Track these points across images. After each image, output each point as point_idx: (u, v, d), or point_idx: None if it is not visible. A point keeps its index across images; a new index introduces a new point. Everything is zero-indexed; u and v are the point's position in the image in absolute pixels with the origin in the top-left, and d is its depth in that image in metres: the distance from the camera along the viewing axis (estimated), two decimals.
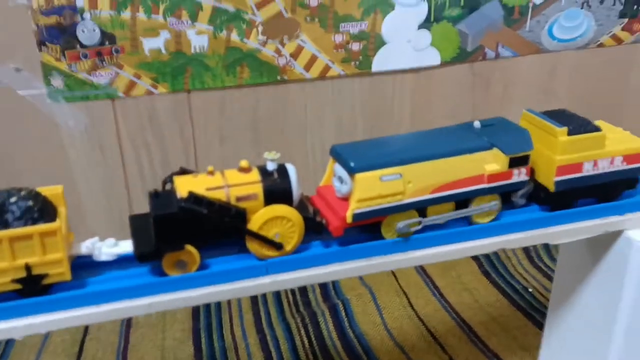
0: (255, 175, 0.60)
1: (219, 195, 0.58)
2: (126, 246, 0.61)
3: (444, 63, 1.14)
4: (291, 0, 1.01)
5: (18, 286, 0.56)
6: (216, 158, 1.08)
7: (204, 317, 1.08)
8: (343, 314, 1.08)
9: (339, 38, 1.06)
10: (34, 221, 0.54)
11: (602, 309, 0.77)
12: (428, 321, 1.07)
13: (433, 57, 1.13)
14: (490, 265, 1.22)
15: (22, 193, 0.55)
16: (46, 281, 0.57)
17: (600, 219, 0.71)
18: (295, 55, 1.05)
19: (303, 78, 1.07)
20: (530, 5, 1.14)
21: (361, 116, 1.14)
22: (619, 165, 0.70)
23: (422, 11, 1.08)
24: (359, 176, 0.60)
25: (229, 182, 0.59)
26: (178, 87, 1.02)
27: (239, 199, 0.59)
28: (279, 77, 1.06)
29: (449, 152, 0.63)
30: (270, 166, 0.61)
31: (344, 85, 1.11)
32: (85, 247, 0.60)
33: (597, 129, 0.69)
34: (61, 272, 0.56)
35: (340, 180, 0.62)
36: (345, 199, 0.63)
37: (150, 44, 0.97)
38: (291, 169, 0.62)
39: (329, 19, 1.04)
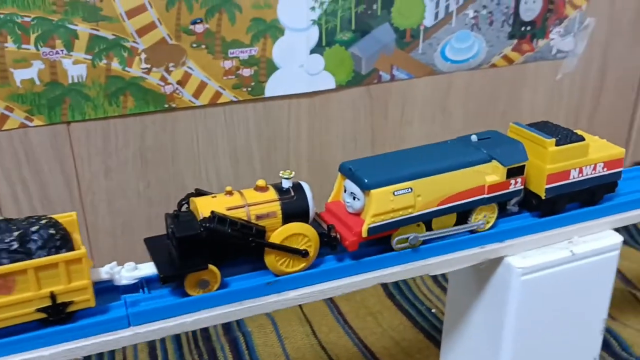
0: (272, 194, 0.62)
1: (240, 214, 0.60)
2: (146, 269, 0.61)
3: (339, 86, 1.13)
4: (175, 26, 0.97)
5: (42, 315, 0.56)
6: (102, 191, 1.03)
7: None
8: (244, 347, 1.05)
9: (228, 64, 1.03)
10: (57, 249, 0.55)
11: (489, 332, 0.77)
12: (330, 349, 1.05)
13: (328, 81, 1.12)
14: (395, 287, 1.21)
15: (43, 221, 0.55)
16: (71, 308, 0.57)
17: (479, 247, 0.71)
18: (182, 82, 1.01)
19: (193, 105, 1.04)
20: (422, 28, 1.15)
21: (257, 141, 1.12)
22: (601, 171, 0.75)
23: (313, 36, 1.07)
24: (374, 192, 0.63)
25: (248, 202, 0.61)
26: (56, 119, 0.96)
27: (258, 217, 0.61)
28: (166, 105, 1.02)
29: (454, 165, 0.67)
30: (286, 184, 0.63)
31: (236, 111, 1.08)
32: (104, 272, 0.60)
33: (581, 138, 0.74)
34: (86, 298, 0.57)
35: (353, 196, 0.65)
36: (357, 214, 0.65)
37: (22, 75, 0.91)
38: (306, 186, 0.64)
39: (216, 45, 1.01)
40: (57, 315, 0.56)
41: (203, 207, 0.59)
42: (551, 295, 0.74)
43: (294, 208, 0.62)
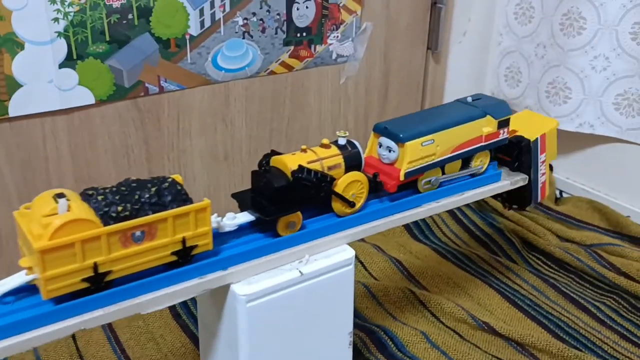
0: (335, 149, 0.77)
1: (317, 166, 0.74)
2: (242, 217, 0.73)
3: (99, 101, 1.06)
4: None
5: (174, 258, 0.65)
6: None
7: None
8: None
9: None
10: (184, 202, 0.64)
11: (230, 357, 0.75)
12: None
13: (85, 97, 1.04)
14: (182, 307, 1.16)
15: (169, 180, 0.65)
16: (195, 251, 0.66)
17: (199, 278, 0.68)
18: None
19: None
20: (187, 37, 1.10)
21: (7, 164, 1.02)
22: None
23: (61, 49, 0.99)
24: (408, 144, 0.79)
25: (320, 156, 0.75)
26: None
27: (329, 168, 0.75)
28: None
29: (461, 120, 0.84)
30: (342, 141, 0.77)
31: None
32: (212, 221, 0.68)
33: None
34: (207, 242, 0.67)
35: (389, 149, 0.80)
36: (392, 163, 0.81)
37: None
38: (357, 143, 0.78)
39: None
40: (185, 257, 0.66)
41: (290, 162, 0.72)
42: (285, 318, 0.73)
43: (352, 160, 0.77)
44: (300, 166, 0.72)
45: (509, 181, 0.93)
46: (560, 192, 1.56)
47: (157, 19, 1.05)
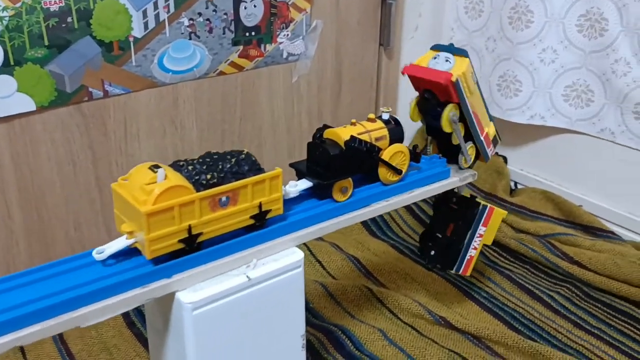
0: (380, 123, 0.84)
1: (366, 137, 0.81)
2: (302, 184, 0.79)
3: (41, 108, 1.03)
4: None
5: (252, 221, 0.71)
6: None
7: None
8: None
9: None
10: (258, 171, 0.70)
11: None
12: None
13: (25, 104, 1.00)
14: (137, 314, 1.14)
15: (245, 152, 0.71)
16: (269, 215, 0.73)
17: (141, 287, 0.66)
18: None
19: None
20: (131, 39, 1.08)
21: None
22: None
23: None
24: (467, 60, 0.86)
25: (368, 129, 0.82)
26: None
27: (376, 139, 0.82)
28: None
29: (486, 103, 0.95)
30: (385, 116, 0.85)
31: None
32: None
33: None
34: (279, 207, 0.73)
35: (447, 59, 0.87)
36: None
37: None
38: (398, 118, 0.86)
39: None
40: (261, 221, 0.72)
41: (343, 133, 0.80)
42: (234, 324, 0.71)
43: (395, 133, 0.85)
44: (352, 136, 0.79)
45: (458, 177, 0.93)
46: (515, 183, 1.58)
47: (97, 21, 1.02)
